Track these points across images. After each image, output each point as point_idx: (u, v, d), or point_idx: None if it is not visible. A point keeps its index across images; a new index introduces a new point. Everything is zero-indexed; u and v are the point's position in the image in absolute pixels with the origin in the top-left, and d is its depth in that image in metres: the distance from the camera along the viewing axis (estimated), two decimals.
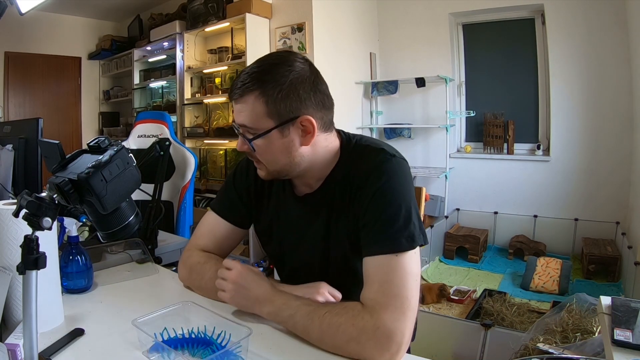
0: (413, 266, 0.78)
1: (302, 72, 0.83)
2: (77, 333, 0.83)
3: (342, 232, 0.90)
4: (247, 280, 0.86)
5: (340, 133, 0.95)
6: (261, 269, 3.38)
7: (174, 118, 3.98)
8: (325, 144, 0.90)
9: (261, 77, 0.81)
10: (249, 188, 1.03)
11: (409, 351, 0.95)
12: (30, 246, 0.61)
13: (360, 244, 0.84)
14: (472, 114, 3.73)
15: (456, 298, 2.53)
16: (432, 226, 3.29)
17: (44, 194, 0.64)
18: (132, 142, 2.37)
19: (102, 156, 0.68)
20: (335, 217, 0.91)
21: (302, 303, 0.81)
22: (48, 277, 0.85)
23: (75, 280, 1.03)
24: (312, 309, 0.79)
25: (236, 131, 0.88)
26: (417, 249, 0.80)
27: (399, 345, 0.73)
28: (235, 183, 1.05)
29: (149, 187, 1.58)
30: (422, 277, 2.43)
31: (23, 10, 1.51)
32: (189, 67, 4.04)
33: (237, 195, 1.04)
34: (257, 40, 3.52)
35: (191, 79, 4.13)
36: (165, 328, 0.77)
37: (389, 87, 3.85)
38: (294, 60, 0.84)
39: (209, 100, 3.96)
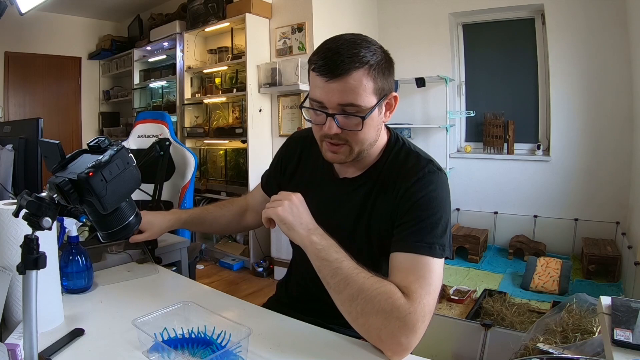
0: (440, 273, 0.82)
1: (388, 52, 0.86)
2: (77, 333, 0.83)
3: (373, 224, 0.92)
4: (304, 207, 0.87)
5: (388, 128, 0.98)
6: (261, 269, 3.38)
7: (174, 118, 3.98)
8: (382, 127, 0.93)
9: (365, 53, 0.80)
10: (289, 164, 1.09)
11: None
12: (30, 246, 0.61)
13: (390, 239, 0.86)
14: (472, 114, 3.73)
15: (456, 298, 2.52)
16: None
17: (44, 194, 0.64)
18: (132, 142, 2.38)
19: (102, 156, 0.68)
20: (369, 208, 0.93)
21: (350, 257, 0.81)
22: (48, 277, 0.86)
23: (75, 280, 1.03)
24: (358, 266, 0.80)
25: (323, 113, 0.83)
26: (443, 259, 0.83)
27: (416, 340, 0.75)
28: (281, 155, 1.13)
29: (149, 187, 1.59)
30: None
31: (23, 10, 1.51)
32: (189, 67, 4.04)
33: (274, 168, 1.13)
34: (257, 40, 3.52)
35: (191, 79, 4.14)
36: (165, 328, 0.77)
37: None
38: (374, 41, 0.86)
39: (209, 100, 3.96)
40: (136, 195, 0.84)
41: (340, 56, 0.79)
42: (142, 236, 1.15)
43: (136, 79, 4.82)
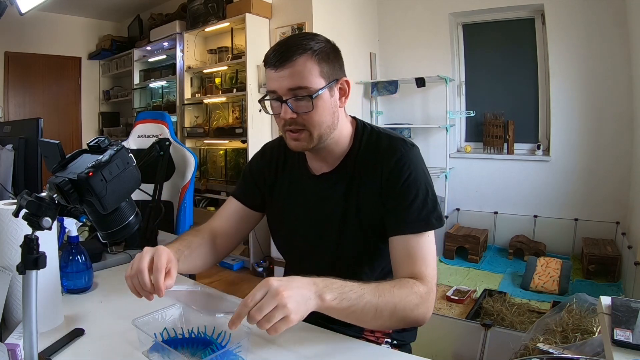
0: (434, 241, 0.90)
1: (334, 43, 0.93)
2: (77, 333, 0.83)
3: (363, 211, 0.93)
4: (290, 286, 0.70)
5: (355, 118, 1.02)
6: (261, 269, 3.38)
7: (174, 118, 3.98)
8: (345, 116, 0.97)
9: (308, 42, 0.87)
10: (263, 170, 1.09)
11: (409, 351, 0.95)
12: (30, 246, 0.61)
13: (383, 222, 0.91)
14: (472, 114, 3.73)
15: (456, 298, 2.52)
16: None
17: (44, 194, 0.64)
18: (132, 142, 2.37)
19: (102, 156, 0.68)
20: (354, 197, 0.94)
21: (360, 283, 0.79)
22: (48, 277, 0.86)
23: (75, 280, 1.04)
24: (375, 286, 0.80)
25: (278, 101, 0.89)
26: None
27: (434, 298, 0.86)
28: (251, 168, 1.12)
29: (149, 187, 1.58)
30: None
31: (23, 10, 1.50)
32: (189, 67, 4.04)
33: (253, 180, 1.10)
34: (257, 40, 3.51)
35: (191, 79, 4.13)
36: (165, 328, 0.77)
37: (389, 87, 3.84)
38: (320, 35, 0.92)
39: (209, 100, 3.96)
40: (136, 195, 0.84)
41: (285, 47, 0.86)
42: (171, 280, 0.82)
43: (136, 79, 4.82)
